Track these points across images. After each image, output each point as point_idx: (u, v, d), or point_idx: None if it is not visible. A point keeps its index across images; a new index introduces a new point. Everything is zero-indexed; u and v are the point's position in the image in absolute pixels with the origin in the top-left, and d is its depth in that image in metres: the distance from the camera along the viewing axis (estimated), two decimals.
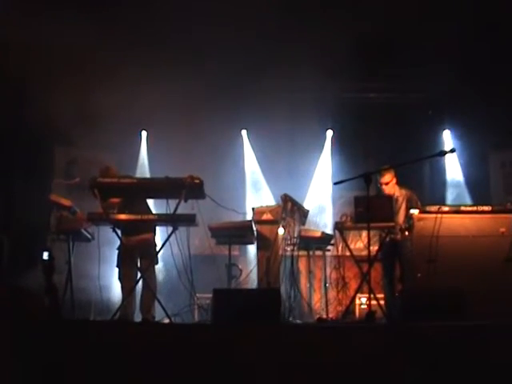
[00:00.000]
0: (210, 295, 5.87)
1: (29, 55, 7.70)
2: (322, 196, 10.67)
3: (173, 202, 6.27)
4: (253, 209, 7.52)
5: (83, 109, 8.65)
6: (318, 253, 8.13)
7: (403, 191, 7.48)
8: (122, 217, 6.42)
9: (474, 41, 8.58)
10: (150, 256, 6.77)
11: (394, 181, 7.49)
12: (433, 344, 4.44)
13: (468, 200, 10.00)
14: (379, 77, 10.25)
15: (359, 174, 6.01)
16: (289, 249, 7.44)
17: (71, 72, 7.92)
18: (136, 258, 6.88)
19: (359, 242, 7.95)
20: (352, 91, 10.52)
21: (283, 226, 7.36)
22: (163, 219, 6.35)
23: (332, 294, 8.06)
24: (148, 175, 10.31)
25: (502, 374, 4.32)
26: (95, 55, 7.97)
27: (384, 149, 9.98)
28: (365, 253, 6.30)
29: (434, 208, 6.83)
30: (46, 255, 6.60)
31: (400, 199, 7.40)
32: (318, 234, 7.70)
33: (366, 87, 10.65)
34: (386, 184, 7.42)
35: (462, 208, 6.97)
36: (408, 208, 7.23)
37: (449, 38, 8.51)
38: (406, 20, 8.46)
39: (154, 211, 7.15)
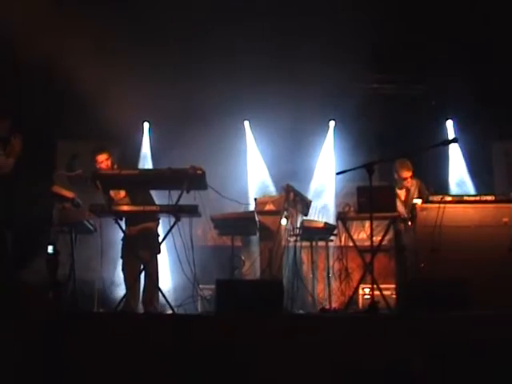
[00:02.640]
0: (213, 286, 5.87)
1: (31, 49, 7.67)
2: (324, 185, 10.69)
3: (175, 193, 6.26)
4: (255, 199, 7.51)
5: (85, 101, 8.64)
6: (321, 243, 8.11)
7: (413, 181, 7.55)
8: (125, 208, 6.44)
9: (477, 31, 8.55)
10: (152, 246, 6.77)
11: None
12: (436, 334, 4.44)
13: (471, 190, 9.99)
14: (382, 67, 10.21)
15: (361, 165, 5.99)
16: (291, 239, 7.43)
17: (73, 64, 7.89)
18: (138, 248, 6.89)
19: (362, 233, 7.95)
20: (355, 82, 10.48)
21: (286, 217, 7.35)
22: (165, 210, 6.34)
23: (335, 284, 8.05)
24: (150, 166, 10.32)
25: (505, 363, 4.31)
26: (98, 48, 7.95)
27: (386, 139, 9.96)
28: (368, 243, 6.29)
29: (437, 198, 6.82)
30: (50, 249, 6.60)
31: (412, 189, 7.47)
32: (321, 225, 7.68)
33: (369, 78, 10.61)
34: (406, 179, 7.51)
35: (465, 198, 6.97)
36: (419, 197, 7.27)
37: (452, 29, 8.50)
38: (409, 14, 8.46)
39: (156, 201, 7.14)
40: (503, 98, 9.33)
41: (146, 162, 10.63)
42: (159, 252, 6.91)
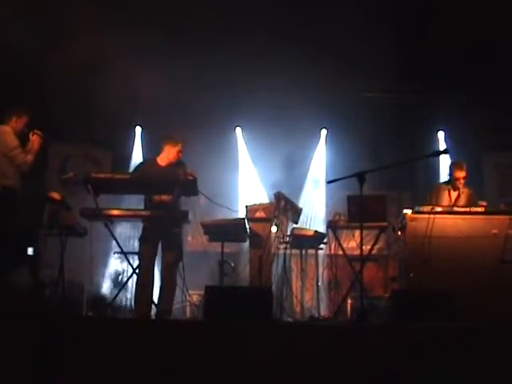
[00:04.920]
0: (202, 292, 5.86)
1: (21, 50, 7.65)
2: (315, 193, 10.72)
3: None
4: (246, 206, 7.50)
5: (78, 104, 8.62)
6: (311, 251, 8.11)
7: (466, 189, 7.43)
8: (114, 212, 6.38)
9: (470, 45, 8.60)
10: (176, 249, 6.49)
11: None
12: (424, 345, 4.44)
13: None
14: (375, 77, 10.25)
15: (352, 173, 5.99)
16: (281, 247, 7.43)
17: (66, 67, 7.87)
18: (158, 239, 6.56)
19: (352, 241, 7.97)
20: (347, 90, 10.50)
21: (276, 224, 7.35)
22: (156, 215, 6.33)
23: (324, 292, 8.06)
24: None
25: (495, 375, 4.32)
26: (91, 51, 7.93)
27: (378, 148, 9.99)
28: (357, 252, 6.30)
29: (427, 208, 6.83)
30: (30, 251, 6.56)
31: (462, 196, 7.38)
32: (311, 233, 7.69)
33: (362, 87, 10.65)
34: (459, 179, 7.36)
35: (455, 209, 6.98)
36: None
37: (445, 42, 8.54)
38: (404, 26, 8.49)
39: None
40: (494, 109, 9.38)
41: None
42: (181, 258, 6.57)
